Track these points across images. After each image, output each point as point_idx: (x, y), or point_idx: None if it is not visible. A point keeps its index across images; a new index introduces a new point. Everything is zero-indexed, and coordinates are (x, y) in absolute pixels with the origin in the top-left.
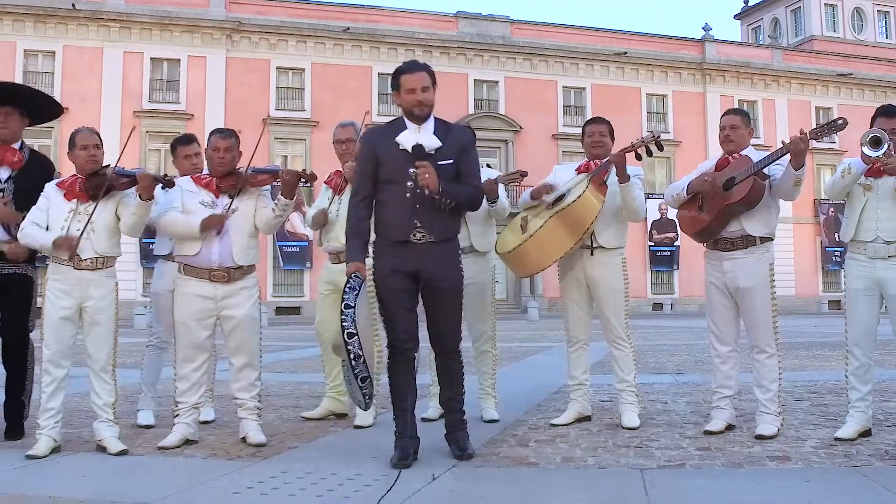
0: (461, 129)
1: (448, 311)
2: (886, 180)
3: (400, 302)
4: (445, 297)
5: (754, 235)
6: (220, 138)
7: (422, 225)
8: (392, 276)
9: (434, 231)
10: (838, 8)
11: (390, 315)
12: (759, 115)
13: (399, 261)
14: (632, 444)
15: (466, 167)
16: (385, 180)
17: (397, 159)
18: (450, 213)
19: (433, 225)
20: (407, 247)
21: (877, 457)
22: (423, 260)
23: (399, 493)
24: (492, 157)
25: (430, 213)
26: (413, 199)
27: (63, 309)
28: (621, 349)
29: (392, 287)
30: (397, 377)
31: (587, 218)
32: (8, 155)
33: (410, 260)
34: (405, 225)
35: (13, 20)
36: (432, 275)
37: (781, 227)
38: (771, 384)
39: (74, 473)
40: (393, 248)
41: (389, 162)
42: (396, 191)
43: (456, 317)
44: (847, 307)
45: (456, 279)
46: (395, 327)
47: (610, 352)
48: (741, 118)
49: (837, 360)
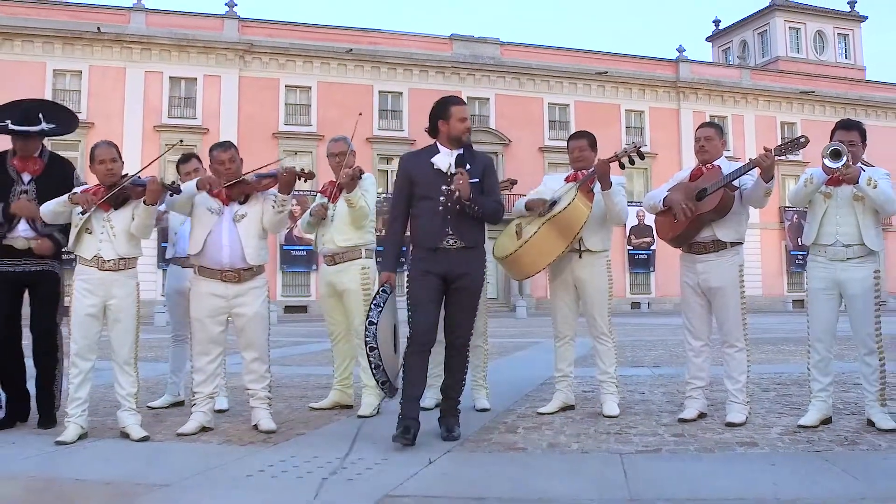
0: (484, 155)
1: (466, 308)
2: (845, 189)
3: (430, 298)
4: (467, 295)
5: (725, 240)
6: (222, 151)
7: (453, 233)
8: (424, 276)
9: (464, 238)
10: (801, 31)
11: (417, 307)
12: (729, 130)
13: (431, 264)
14: (612, 431)
15: (489, 186)
16: (420, 196)
17: (431, 178)
18: (476, 223)
19: (463, 233)
20: (438, 253)
21: (836, 442)
22: (451, 263)
23: (398, 475)
24: None
25: (458, 222)
26: (444, 211)
27: (88, 307)
28: (604, 344)
29: (423, 283)
30: (413, 367)
31: (577, 223)
32: (29, 164)
33: (441, 263)
34: (438, 234)
35: (43, 42)
36: (459, 275)
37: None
38: (740, 376)
39: (100, 458)
40: (426, 255)
41: (424, 181)
42: (430, 205)
43: (471, 314)
44: (809, 305)
45: (478, 280)
46: (419, 322)
47: (594, 346)
48: (715, 130)
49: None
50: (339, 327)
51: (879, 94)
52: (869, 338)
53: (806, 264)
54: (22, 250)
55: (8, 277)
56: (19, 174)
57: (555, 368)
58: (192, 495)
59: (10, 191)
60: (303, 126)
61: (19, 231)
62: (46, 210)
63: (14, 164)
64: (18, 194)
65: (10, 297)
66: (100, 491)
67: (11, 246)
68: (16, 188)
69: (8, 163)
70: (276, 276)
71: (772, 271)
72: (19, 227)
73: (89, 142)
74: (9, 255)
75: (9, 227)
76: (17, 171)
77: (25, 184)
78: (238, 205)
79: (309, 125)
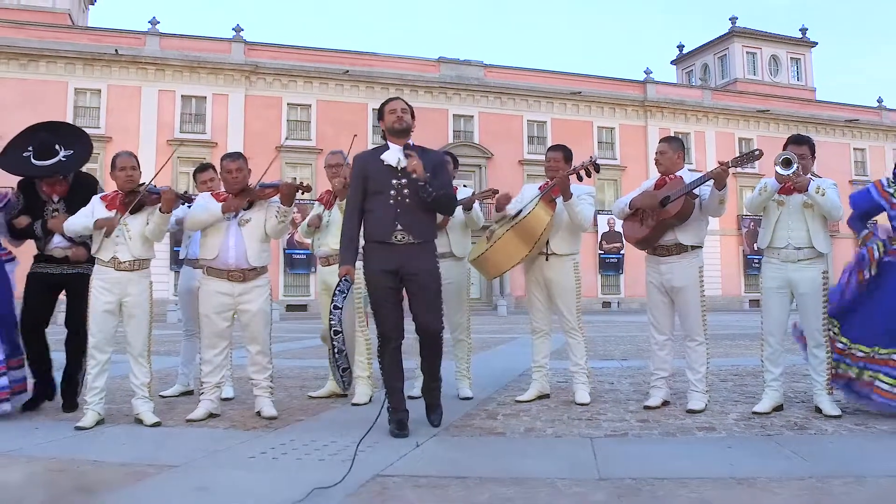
0: (436, 152)
1: (425, 301)
2: (796, 197)
3: (388, 298)
4: (420, 289)
5: (686, 244)
6: (230, 161)
7: (402, 227)
8: (379, 276)
9: (413, 232)
10: (758, 55)
11: (379, 309)
12: (691, 145)
13: (383, 260)
14: (583, 417)
15: (441, 182)
16: (373, 192)
17: (383, 174)
18: (428, 217)
19: (412, 227)
20: (389, 247)
21: (787, 427)
22: (402, 258)
23: (389, 456)
24: (468, 179)
25: (408, 217)
26: (395, 206)
27: (105, 303)
28: (575, 338)
29: (380, 285)
30: (387, 363)
31: (537, 229)
32: (56, 187)
33: (392, 258)
34: (388, 227)
35: (65, 63)
36: (409, 270)
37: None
38: (700, 367)
39: (116, 441)
40: (378, 249)
41: (376, 177)
42: (382, 200)
43: (433, 305)
44: (763, 303)
45: (428, 274)
46: (383, 321)
47: (566, 341)
48: (668, 145)
49: (755, 348)
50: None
51: (827, 113)
52: (818, 332)
53: (760, 265)
54: (59, 258)
55: (48, 279)
56: (49, 196)
57: (532, 360)
58: (199, 475)
59: (44, 210)
60: (303, 140)
61: (55, 243)
62: (71, 228)
63: (43, 188)
64: (51, 213)
65: (47, 296)
66: (116, 471)
67: (51, 255)
68: (48, 207)
69: (38, 187)
70: (280, 278)
71: (730, 273)
72: (55, 239)
73: (108, 154)
74: (49, 261)
75: (47, 240)
76: (47, 195)
77: (56, 203)
78: (243, 210)
79: (309, 140)
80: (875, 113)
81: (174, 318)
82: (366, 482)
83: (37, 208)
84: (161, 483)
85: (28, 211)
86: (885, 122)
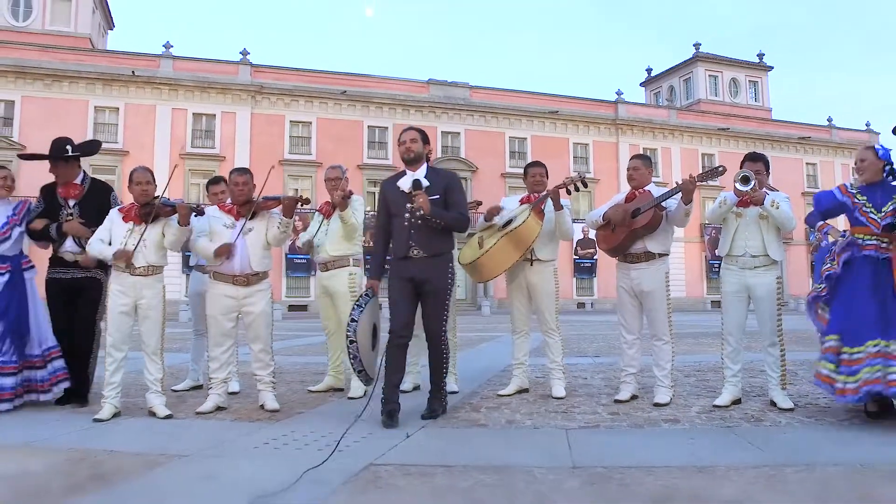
0: (448, 173)
1: (432, 305)
2: (752, 209)
3: (401, 294)
4: (433, 296)
5: (654, 252)
6: (238, 175)
7: (415, 244)
8: (397, 281)
9: (425, 248)
10: (719, 78)
11: (393, 307)
12: (658, 160)
13: (402, 270)
14: (559, 410)
15: (452, 200)
16: (393, 214)
17: (398, 198)
18: (440, 233)
19: (424, 244)
20: (407, 261)
21: (745, 419)
22: (417, 269)
23: (381, 447)
24: None
25: (421, 235)
26: (409, 227)
27: (121, 306)
28: (552, 337)
29: (397, 287)
30: (392, 358)
31: (529, 238)
32: (72, 190)
33: (409, 269)
34: (404, 245)
35: (86, 83)
36: (423, 280)
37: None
38: (666, 364)
39: (131, 432)
40: (398, 262)
41: (394, 201)
42: (399, 222)
43: (439, 311)
44: (723, 306)
45: (441, 284)
46: (395, 318)
47: (544, 340)
48: (641, 161)
49: (716, 346)
50: (331, 323)
51: (782, 131)
52: (772, 332)
53: (720, 271)
54: (70, 262)
55: (60, 283)
56: (66, 200)
57: (513, 357)
58: (208, 463)
59: (59, 214)
60: (304, 154)
61: (66, 247)
62: (92, 253)
63: (60, 192)
64: (66, 216)
65: (63, 299)
66: (130, 460)
67: (63, 258)
68: (63, 211)
69: (56, 191)
70: (282, 280)
71: (693, 277)
72: (67, 243)
73: (125, 167)
74: (61, 265)
75: (60, 243)
76: (64, 198)
77: (71, 207)
78: (245, 220)
79: (309, 154)
80: (826, 131)
81: (185, 317)
82: (360, 471)
83: (55, 212)
84: (172, 471)
85: (47, 214)
86: (834, 140)
